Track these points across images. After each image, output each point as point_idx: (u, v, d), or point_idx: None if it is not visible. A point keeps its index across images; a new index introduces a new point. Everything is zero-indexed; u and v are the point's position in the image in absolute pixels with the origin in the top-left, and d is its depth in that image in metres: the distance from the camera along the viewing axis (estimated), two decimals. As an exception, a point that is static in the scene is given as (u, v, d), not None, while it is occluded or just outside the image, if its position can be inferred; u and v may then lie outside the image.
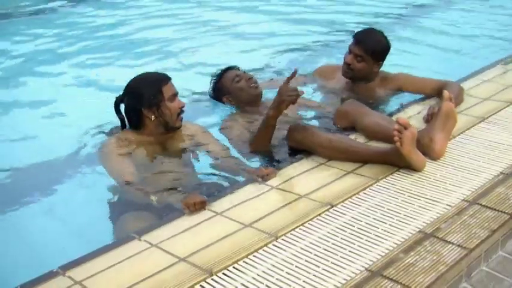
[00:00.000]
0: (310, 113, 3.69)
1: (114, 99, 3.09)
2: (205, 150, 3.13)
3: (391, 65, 3.92)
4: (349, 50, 3.71)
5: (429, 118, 3.28)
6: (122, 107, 3.10)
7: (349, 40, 3.76)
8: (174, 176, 2.94)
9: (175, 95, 3.04)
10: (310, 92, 3.88)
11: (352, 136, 3.15)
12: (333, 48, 5.49)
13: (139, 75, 3.08)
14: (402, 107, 3.61)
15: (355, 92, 3.77)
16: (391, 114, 3.46)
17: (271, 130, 3.09)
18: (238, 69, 3.69)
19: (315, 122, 3.58)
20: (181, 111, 3.06)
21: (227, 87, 3.59)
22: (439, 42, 5.76)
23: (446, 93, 2.98)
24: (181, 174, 2.98)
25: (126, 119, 3.10)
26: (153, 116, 2.99)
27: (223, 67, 3.74)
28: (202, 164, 3.11)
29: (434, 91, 3.62)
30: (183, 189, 2.68)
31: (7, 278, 2.27)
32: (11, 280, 2.12)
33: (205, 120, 3.57)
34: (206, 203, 2.54)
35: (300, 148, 3.05)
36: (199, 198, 2.54)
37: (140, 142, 3.02)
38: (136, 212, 2.70)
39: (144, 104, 2.97)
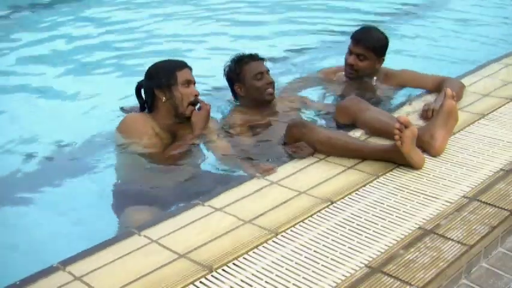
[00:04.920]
0: (311, 111, 3.68)
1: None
2: (210, 144, 3.15)
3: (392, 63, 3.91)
4: (350, 51, 3.68)
5: (424, 114, 3.28)
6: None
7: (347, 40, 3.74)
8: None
9: (190, 81, 3.08)
10: (314, 94, 3.86)
11: (355, 133, 3.15)
12: (331, 49, 5.46)
13: (160, 60, 3.15)
14: (403, 104, 3.61)
15: (358, 91, 3.75)
16: (392, 111, 3.45)
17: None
18: (265, 61, 3.46)
19: (315, 119, 3.57)
20: (195, 101, 3.08)
21: (246, 78, 3.40)
22: (440, 39, 5.75)
23: (449, 91, 2.98)
24: (184, 164, 3.02)
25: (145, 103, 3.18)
26: (164, 98, 3.04)
27: (251, 52, 3.48)
28: (204, 158, 3.12)
29: (435, 88, 3.64)
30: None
31: (7, 273, 2.27)
32: (10, 275, 2.12)
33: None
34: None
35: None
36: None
37: (153, 126, 3.06)
38: (138, 205, 2.70)
39: (157, 84, 3.05)
